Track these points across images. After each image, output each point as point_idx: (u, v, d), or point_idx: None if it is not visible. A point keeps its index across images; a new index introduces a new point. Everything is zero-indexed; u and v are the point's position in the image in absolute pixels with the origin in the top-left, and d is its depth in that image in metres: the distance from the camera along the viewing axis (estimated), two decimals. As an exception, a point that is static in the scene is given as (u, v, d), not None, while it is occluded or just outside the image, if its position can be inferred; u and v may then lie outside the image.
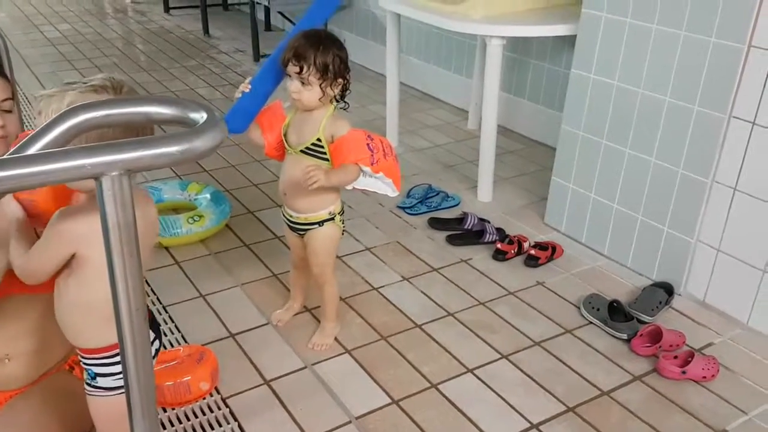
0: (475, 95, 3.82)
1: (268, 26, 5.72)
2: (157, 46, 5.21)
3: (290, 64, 1.75)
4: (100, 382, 1.36)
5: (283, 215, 2.00)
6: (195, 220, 2.59)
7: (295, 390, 1.92)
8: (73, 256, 1.27)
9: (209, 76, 4.57)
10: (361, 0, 4.74)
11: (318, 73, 1.75)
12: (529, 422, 1.84)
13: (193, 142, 0.88)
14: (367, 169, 1.81)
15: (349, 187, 1.87)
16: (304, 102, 1.79)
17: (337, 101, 1.85)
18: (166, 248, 2.57)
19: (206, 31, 5.55)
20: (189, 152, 0.88)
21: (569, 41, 3.34)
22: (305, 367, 2.01)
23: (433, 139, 3.68)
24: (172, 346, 2.07)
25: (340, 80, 1.80)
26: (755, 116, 2.08)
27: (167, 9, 6.20)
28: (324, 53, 1.75)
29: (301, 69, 1.74)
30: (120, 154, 0.84)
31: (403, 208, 2.89)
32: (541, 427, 1.83)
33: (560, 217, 2.79)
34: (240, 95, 1.85)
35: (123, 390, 1.35)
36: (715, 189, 2.24)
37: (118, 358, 1.35)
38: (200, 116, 0.95)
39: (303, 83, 1.76)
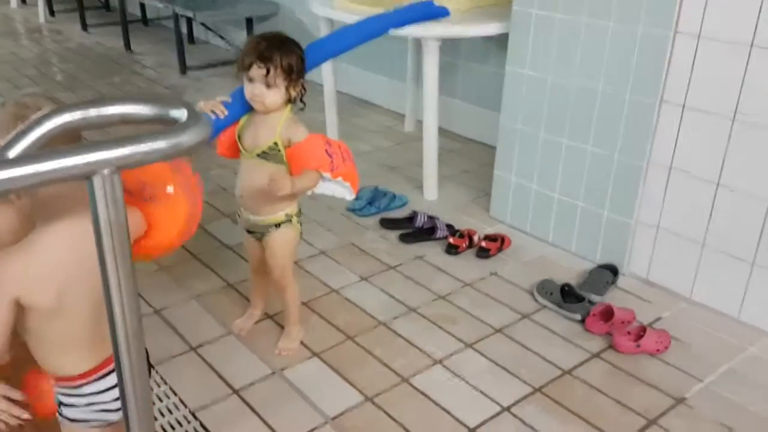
0: (409, 98, 3.88)
1: (191, 39, 5.63)
2: (78, 65, 5.04)
3: (254, 66, 1.74)
4: (65, 411, 1.30)
5: (241, 219, 1.98)
6: (142, 236, 2.52)
7: (267, 397, 1.90)
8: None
9: (136, 92, 4.46)
10: (287, 8, 4.74)
11: (284, 74, 1.75)
12: (500, 406, 1.89)
13: (181, 137, 0.88)
14: (326, 174, 1.82)
15: (308, 193, 1.88)
16: (268, 105, 1.78)
17: (294, 102, 1.86)
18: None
19: (128, 47, 5.41)
20: (178, 147, 0.88)
21: (496, 41, 3.44)
22: (274, 373, 1.99)
23: (374, 143, 3.72)
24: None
25: (301, 80, 1.81)
26: (685, 99, 2.21)
27: (84, 27, 6.00)
28: (288, 54, 1.75)
29: (268, 71, 1.73)
30: (111, 151, 0.82)
31: (353, 211, 2.91)
32: (512, 410, 1.88)
33: (504, 210, 2.87)
34: (211, 114, 1.82)
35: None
36: (651, 170, 2.36)
37: (87, 390, 1.28)
38: (181, 113, 0.94)
39: (268, 86, 1.76)
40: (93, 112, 0.94)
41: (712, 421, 1.85)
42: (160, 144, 0.85)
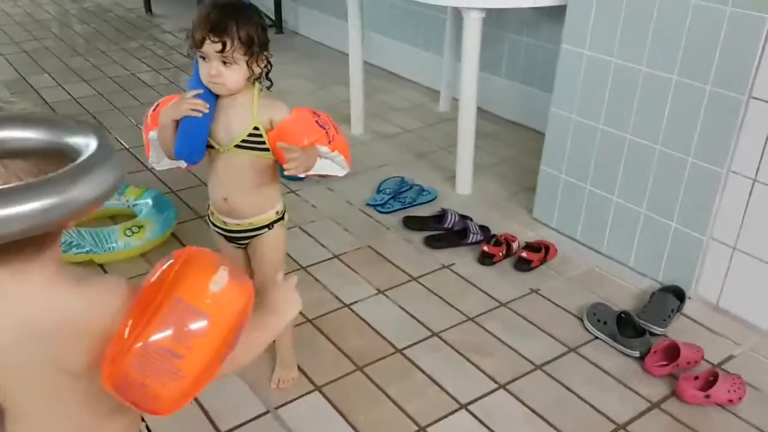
0: (446, 74, 3.48)
1: (217, 2, 5.27)
2: (94, 27, 4.74)
3: (207, 41, 1.41)
4: None
5: (215, 226, 1.64)
6: (133, 232, 2.22)
7: (255, 442, 1.59)
8: None
9: (152, 59, 4.13)
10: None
11: (243, 48, 1.43)
12: (538, 471, 1.55)
13: (78, 185, 0.53)
14: (324, 149, 1.50)
15: (302, 175, 1.54)
16: (229, 86, 1.46)
17: (259, 81, 1.52)
18: (101, 266, 2.20)
19: (148, 9, 5.09)
20: (70, 204, 0.53)
21: (550, 12, 3.03)
22: (267, 412, 1.68)
23: (402, 124, 3.34)
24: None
25: (265, 54, 1.47)
26: (782, 95, 1.79)
27: (106, -15, 5.69)
28: (246, 23, 1.43)
29: (224, 46, 1.41)
30: None
31: (374, 206, 2.56)
32: (552, 477, 1.53)
33: (551, 212, 2.48)
34: (197, 114, 1.47)
35: None
36: (731, 180, 1.96)
37: None
38: (84, 141, 0.60)
39: (226, 63, 1.43)
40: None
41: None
42: (35, 202, 0.50)
